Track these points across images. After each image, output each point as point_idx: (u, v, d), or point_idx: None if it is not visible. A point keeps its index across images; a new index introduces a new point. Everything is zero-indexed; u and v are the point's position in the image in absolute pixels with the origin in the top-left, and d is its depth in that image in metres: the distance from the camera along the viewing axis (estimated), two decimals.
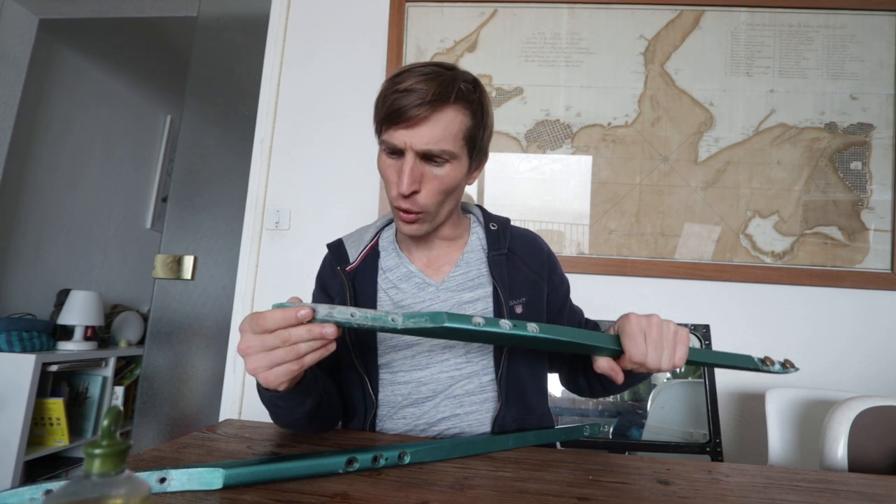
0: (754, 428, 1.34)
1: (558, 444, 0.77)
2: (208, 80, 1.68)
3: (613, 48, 1.50)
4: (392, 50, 1.53)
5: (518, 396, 0.71)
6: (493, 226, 0.79)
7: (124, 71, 2.79)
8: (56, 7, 2.08)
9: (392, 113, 0.62)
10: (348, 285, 0.73)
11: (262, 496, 0.43)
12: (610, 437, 1.26)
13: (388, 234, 0.80)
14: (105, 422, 0.27)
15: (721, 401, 1.32)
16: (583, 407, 1.32)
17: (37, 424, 2.00)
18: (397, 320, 0.51)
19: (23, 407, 1.83)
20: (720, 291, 1.41)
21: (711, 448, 1.22)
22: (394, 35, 1.54)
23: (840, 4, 1.45)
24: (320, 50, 1.59)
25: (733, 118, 1.46)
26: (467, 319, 0.52)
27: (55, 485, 0.40)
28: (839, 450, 0.82)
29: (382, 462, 0.50)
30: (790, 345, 1.38)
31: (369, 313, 0.50)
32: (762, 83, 1.46)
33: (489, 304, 0.72)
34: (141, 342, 2.58)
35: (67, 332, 2.18)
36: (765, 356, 0.66)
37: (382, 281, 0.75)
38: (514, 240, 0.78)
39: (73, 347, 2.12)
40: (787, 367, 0.64)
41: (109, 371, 2.31)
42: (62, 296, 2.31)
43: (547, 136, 1.50)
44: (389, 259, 0.77)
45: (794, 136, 1.44)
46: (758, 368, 0.65)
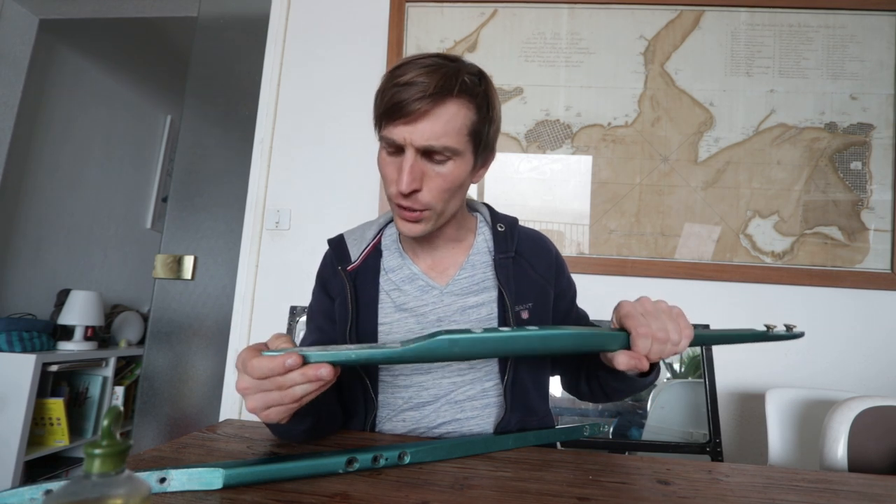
0: (754, 428, 1.34)
1: (558, 444, 0.77)
2: (208, 80, 1.68)
3: (613, 48, 1.50)
4: (392, 50, 1.53)
5: (521, 401, 0.70)
6: (501, 227, 0.76)
7: (124, 71, 2.79)
8: (56, 7, 2.08)
9: (391, 107, 0.59)
10: (349, 286, 0.71)
11: (262, 496, 0.43)
12: (610, 437, 1.26)
13: (391, 233, 0.77)
14: (105, 422, 0.27)
15: (721, 401, 1.32)
16: (583, 407, 1.32)
17: (37, 424, 2.00)
18: (396, 347, 0.49)
19: (23, 407, 1.84)
20: (720, 291, 1.41)
21: (711, 448, 1.22)
22: (394, 35, 1.54)
23: (840, 4, 1.45)
24: (320, 50, 1.59)
25: (733, 118, 1.46)
26: (466, 331, 0.51)
27: (55, 485, 0.40)
28: (839, 450, 0.82)
29: (382, 462, 0.50)
30: (790, 345, 1.38)
31: (364, 349, 0.48)
32: (762, 83, 1.46)
33: (494, 310, 0.70)
34: (141, 342, 2.58)
35: (67, 332, 2.18)
36: (769, 325, 0.64)
37: (384, 282, 0.73)
38: (522, 241, 0.76)
39: (74, 347, 2.12)
40: (791, 329, 0.63)
41: (109, 371, 2.31)
42: (62, 296, 2.31)
43: (547, 136, 1.50)
44: (392, 259, 0.74)
45: (794, 136, 1.44)
46: (765, 336, 0.62)
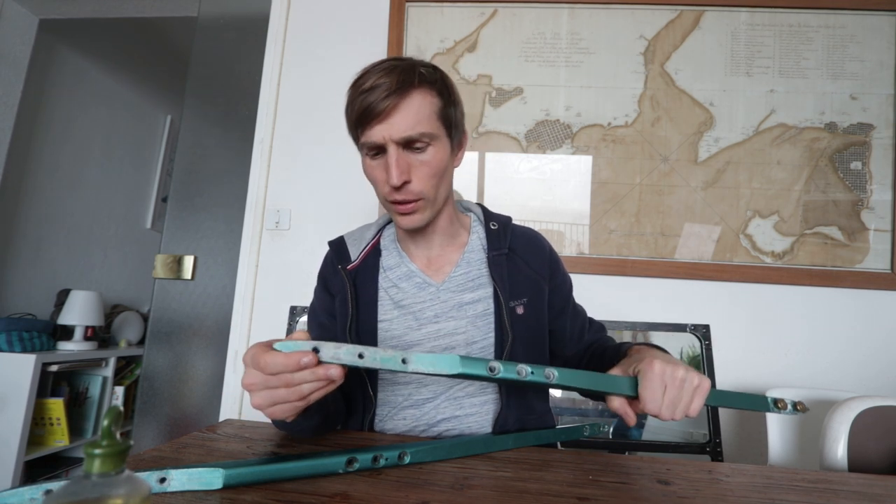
0: (754, 428, 1.34)
1: (558, 444, 0.77)
2: (208, 80, 1.68)
3: (613, 48, 1.50)
4: (392, 50, 1.53)
5: (519, 397, 0.71)
6: (494, 225, 0.78)
7: (124, 71, 2.79)
8: (56, 7, 2.08)
9: (362, 112, 0.63)
10: (349, 284, 0.73)
11: (262, 496, 0.43)
12: (610, 437, 1.26)
13: (390, 233, 0.80)
14: (105, 422, 0.27)
15: None
16: (583, 407, 1.32)
17: (37, 424, 2.00)
18: (409, 360, 0.49)
19: (23, 407, 1.83)
20: (720, 291, 1.41)
21: (711, 448, 1.22)
22: (394, 35, 1.54)
23: (840, 4, 1.45)
24: (320, 50, 1.59)
25: (733, 118, 1.46)
26: (482, 365, 0.51)
27: (55, 485, 0.40)
28: (839, 450, 0.82)
29: (382, 462, 0.50)
30: (790, 345, 1.38)
31: (378, 354, 0.48)
32: (762, 83, 1.46)
33: (490, 305, 0.72)
34: (141, 342, 2.58)
35: (67, 332, 2.18)
36: (777, 399, 0.64)
37: (383, 280, 0.75)
38: (515, 239, 0.77)
39: (73, 347, 2.12)
40: (798, 410, 0.64)
41: (109, 371, 2.31)
42: (62, 296, 2.31)
43: (547, 136, 1.50)
44: (390, 258, 0.76)
45: (794, 136, 1.44)
46: (769, 410, 0.63)
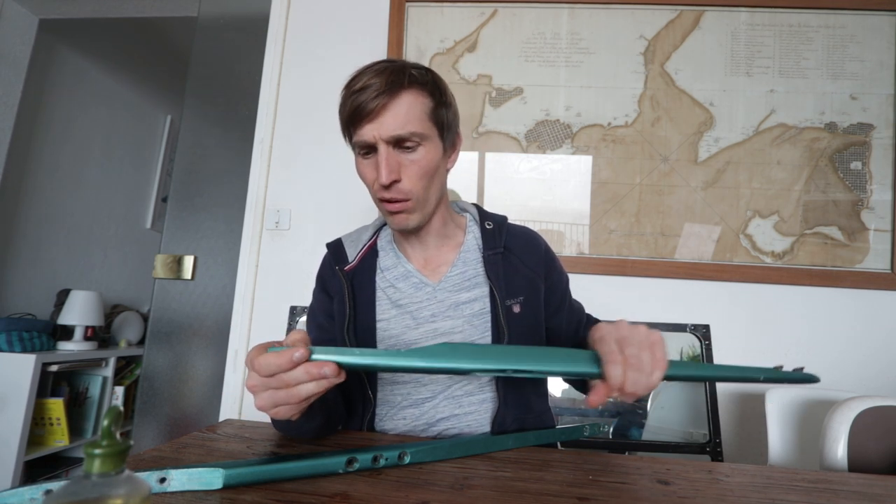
0: (754, 428, 1.34)
1: (558, 444, 0.77)
2: (208, 80, 1.68)
3: (613, 48, 1.50)
4: (392, 50, 1.53)
5: (517, 396, 0.71)
6: (489, 224, 0.78)
7: (124, 71, 2.79)
8: (56, 7, 2.08)
9: (353, 112, 0.64)
10: (347, 285, 0.73)
11: (262, 496, 0.43)
12: (610, 437, 1.26)
13: (387, 234, 0.81)
14: (105, 422, 0.27)
15: (721, 401, 1.32)
16: (583, 407, 1.32)
17: (37, 424, 2.00)
18: (399, 354, 0.49)
19: (23, 407, 1.83)
20: (720, 291, 1.41)
21: (711, 448, 1.22)
22: (394, 35, 1.54)
23: (840, 4, 1.45)
24: (320, 50, 1.59)
25: (733, 118, 1.46)
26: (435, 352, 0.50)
27: (55, 485, 0.40)
28: (839, 450, 0.82)
29: (382, 462, 0.50)
30: (790, 345, 1.38)
31: (368, 352, 0.48)
32: (762, 83, 1.46)
33: (486, 304, 0.72)
34: (141, 342, 2.58)
35: (67, 332, 2.18)
36: (775, 367, 0.61)
37: (380, 280, 0.75)
38: (511, 238, 0.78)
39: (73, 347, 2.12)
40: (795, 371, 0.62)
41: (109, 371, 2.31)
42: (62, 296, 2.31)
43: (547, 136, 1.50)
44: (387, 258, 0.77)
45: (794, 136, 1.44)
46: (772, 375, 0.60)
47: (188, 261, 1.57)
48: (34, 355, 1.88)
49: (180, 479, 0.43)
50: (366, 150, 0.67)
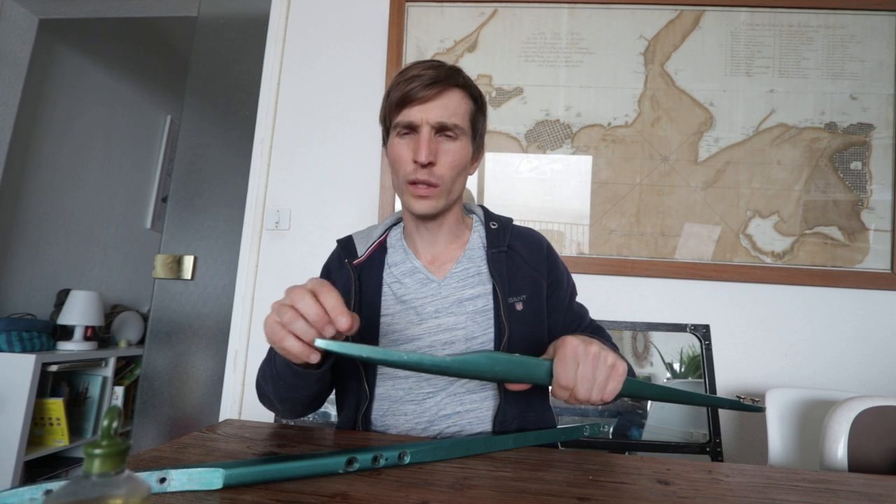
0: (754, 428, 1.34)
1: (558, 444, 0.77)
2: (208, 80, 1.68)
3: (613, 48, 1.50)
4: (392, 50, 1.53)
5: (518, 393, 0.71)
6: (494, 224, 0.80)
7: (124, 71, 2.79)
8: (56, 7, 2.08)
9: (405, 95, 0.68)
10: (354, 278, 0.75)
11: (262, 496, 0.42)
12: (610, 437, 1.26)
13: (397, 233, 0.82)
14: (105, 422, 0.27)
15: None
16: (583, 407, 1.32)
17: (37, 424, 2.00)
18: (446, 359, 0.52)
19: (23, 407, 1.84)
20: (720, 291, 1.41)
21: (711, 448, 1.22)
22: (394, 35, 1.54)
23: (840, 4, 1.45)
24: (320, 50, 1.59)
25: (733, 118, 1.46)
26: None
27: (55, 485, 0.40)
28: (839, 450, 0.82)
29: (382, 462, 0.50)
30: (790, 345, 1.38)
31: (416, 354, 0.51)
32: (762, 83, 1.46)
33: (489, 301, 0.73)
34: (141, 342, 2.58)
35: (67, 332, 2.18)
36: (738, 396, 0.66)
37: (387, 275, 0.77)
38: (514, 238, 0.80)
39: (73, 347, 2.12)
40: (755, 402, 0.65)
41: (109, 371, 2.32)
42: (62, 296, 2.31)
43: (547, 136, 1.50)
44: (396, 255, 0.79)
45: (794, 136, 1.44)
46: (732, 405, 0.65)
47: (188, 261, 1.57)
48: (34, 355, 1.88)
49: (180, 479, 0.43)
50: (406, 131, 0.70)
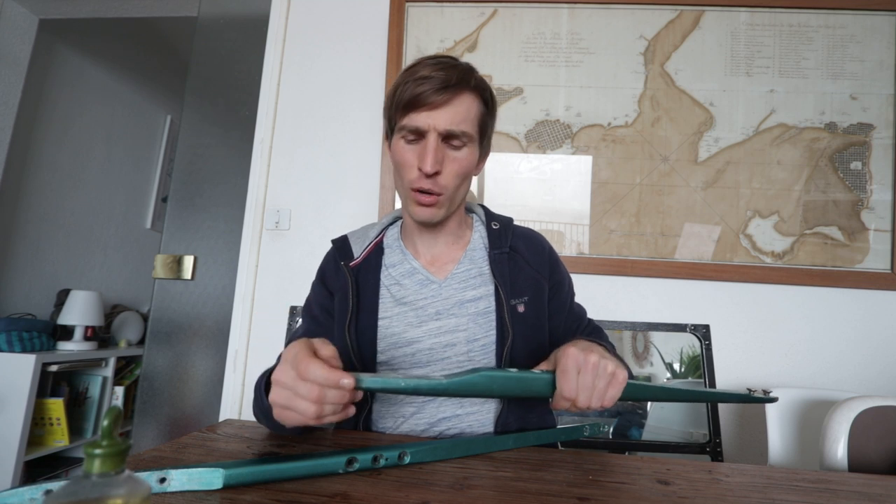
0: (754, 428, 1.34)
1: (558, 444, 0.77)
2: (208, 80, 1.68)
3: (613, 48, 1.50)
4: (392, 50, 1.53)
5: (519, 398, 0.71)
6: (495, 224, 0.79)
7: (124, 71, 2.79)
8: (56, 7, 2.08)
9: (413, 98, 0.65)
10: (351, 280, 0.73)
11: (262, 496, 0.42)
12: (610, 437, 1.26)
13: (393, 232, 0.81)
14: (105, 422, 0.27)
15: None
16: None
17: (37, 424, 2.00)
18: (442, 381, 0.52)
19: (23, 407, 1.84)
20: (720, 291, 1.41)
21: (711, 448, 1.22)
22: (394, 35, 1.54)
23: (840, 4, 1.45)
24: (320, 50, 1.59)
25: (733, 118, 1.46)
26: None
27: (55, 485, 0.40)
28: (839, 450, 0.82)
29: (382, 462, 0.50)
30: (790, 345, 1.38)
31: (412, 378, 0.51)
32: (762, 83, 1.46)
33: (491, 303, 0.73)
34: (141, 342, 2.58)
35: (67, 332, 2.18)
36: (748, 389, 0.66)
37: (385, 277, 0.75)
38: (516, 239, 0.79)
39: (73, 347, 2.12)
40: (766, 394, 0.65)
41: (109, 371, 2.31)
42: (62, 296, 2.31)
43: (547, 136, 1.50)
44: (393, 256, 0.77)
45: (794, 136, 1.44)
46: (744, 398, 0.65)
47: (188, 261, 1.57)
48: (34, 355, 1.88)
49: (180, 479, 0.43)
50: (413, 137, 0.68)
